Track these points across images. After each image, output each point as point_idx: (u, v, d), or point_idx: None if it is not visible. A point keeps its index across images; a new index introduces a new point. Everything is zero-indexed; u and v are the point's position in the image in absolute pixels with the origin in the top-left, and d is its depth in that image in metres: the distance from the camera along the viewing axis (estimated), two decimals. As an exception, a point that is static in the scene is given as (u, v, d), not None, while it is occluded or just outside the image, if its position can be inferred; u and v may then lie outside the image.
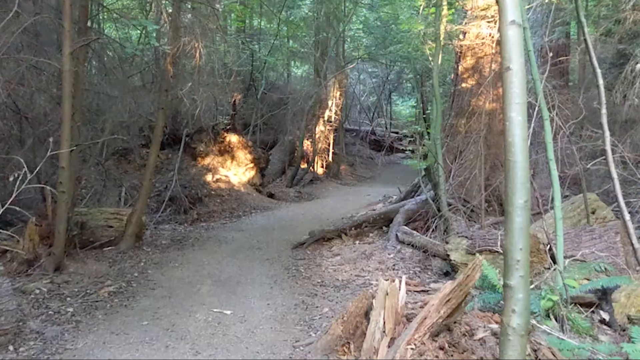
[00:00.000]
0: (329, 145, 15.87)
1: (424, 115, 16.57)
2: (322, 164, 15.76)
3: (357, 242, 7.13)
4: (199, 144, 11.33)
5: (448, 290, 3.44)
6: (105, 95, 7.28)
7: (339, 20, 13.52)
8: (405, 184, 12.91)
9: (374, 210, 9.98)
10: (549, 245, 4.51)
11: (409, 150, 7.46)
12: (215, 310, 4.61)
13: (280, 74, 18.09)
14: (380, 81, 23.27)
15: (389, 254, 6.29)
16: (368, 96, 25.53)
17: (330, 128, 15.64)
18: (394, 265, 6.01)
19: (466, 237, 5.23)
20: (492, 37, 6.15)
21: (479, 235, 5.08)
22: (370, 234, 7.37)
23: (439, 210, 6.45)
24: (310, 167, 14.86)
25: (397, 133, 23.83)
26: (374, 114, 23.90)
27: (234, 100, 11.65)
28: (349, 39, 17.57)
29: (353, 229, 7.33)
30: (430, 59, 7.07)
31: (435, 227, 6.46)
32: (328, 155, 15.93)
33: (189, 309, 4.66)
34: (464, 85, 7.30)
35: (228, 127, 11.75)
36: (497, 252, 4.74)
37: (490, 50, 6.78)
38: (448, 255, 5.26)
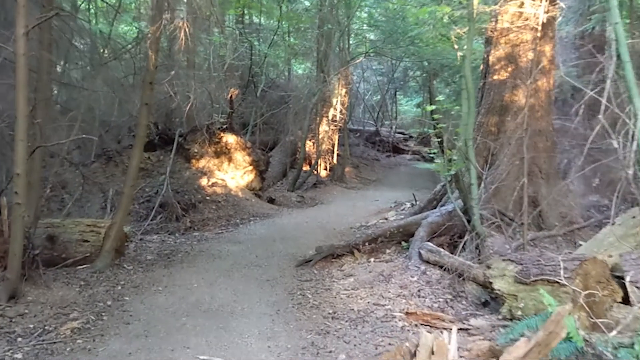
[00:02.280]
0: (333, 147, 14.91)
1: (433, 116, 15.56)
2: (326, 167, 14.80)
3: (372, 259, 6.14)
4: (193, 145, 10.37)
5: (522, 351, 2.48)
6: (74, 87, 6.29)
7: (348, 7, 12.52)
8: (414, 187, 11.94)
9: (386, 218, 9.01)
10: (628, 277, 3.54)
11: (433, 152, 6.47)
12: (201, 358, 3.63)
13: (281, 72, 17.14)
14: (385, 79, 22.28)
15: (411, 276, 5.31)
16: (372, 95, 24.54)
17: (334, 128, 14.65)
18: (419, 290, 5.02)
19: (513, 260, 4.24)
20: (537, 17, 5.15)
21: (531, 260, 4.10)
22: (387, 250, 6.37)
23: (469, 223, 5.48)
24: (313, 170, 13.90)
25: (402, 134, 22.87)
26: (378, 113, 22.93)
27: (231, 97, 10.66)
28: (353, 34, 16.60)
29: (367, 244, 6.34)
30: (456, 47, 6.09)
31: (466, 244, 5.48)
32: (332, 157, 14.97)
33: (168, 354, 3.68)
34: (495, 77, 6.30)
35: (225, 127, 10.75)
36: (558, 282, 3.76)
37: (528, 37, 5.80)
38: (490, 283, 4.28)
